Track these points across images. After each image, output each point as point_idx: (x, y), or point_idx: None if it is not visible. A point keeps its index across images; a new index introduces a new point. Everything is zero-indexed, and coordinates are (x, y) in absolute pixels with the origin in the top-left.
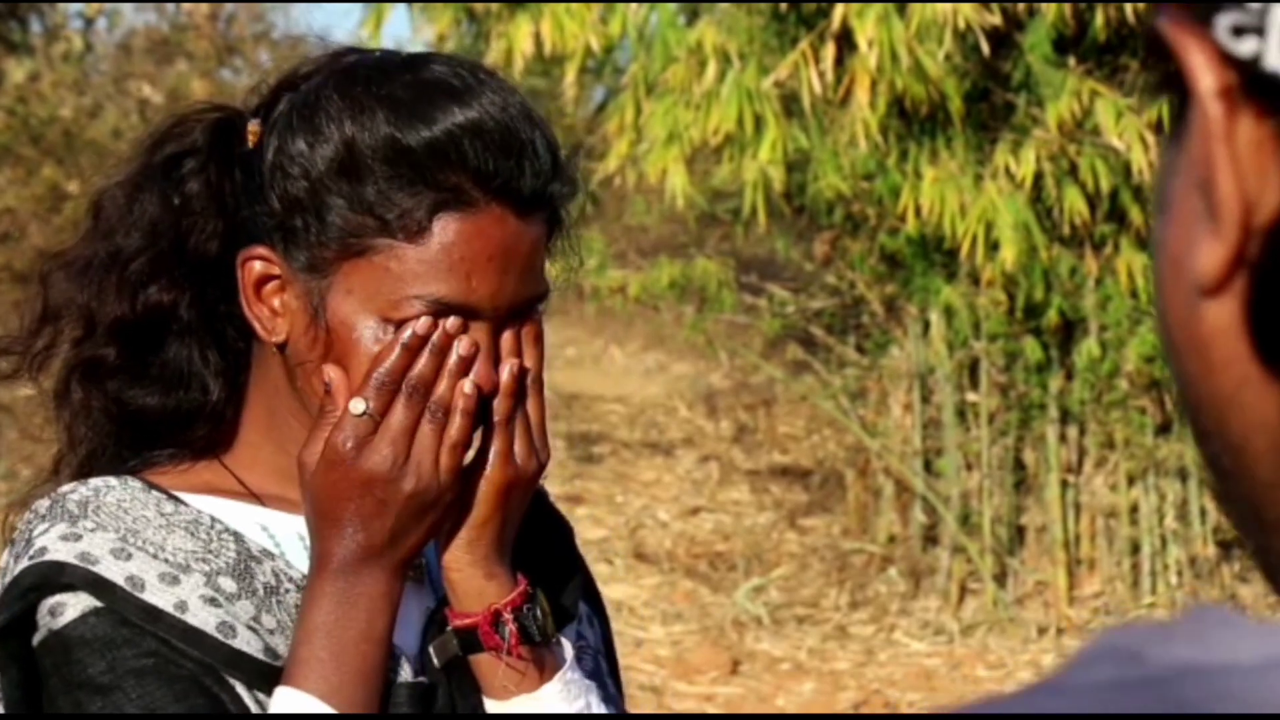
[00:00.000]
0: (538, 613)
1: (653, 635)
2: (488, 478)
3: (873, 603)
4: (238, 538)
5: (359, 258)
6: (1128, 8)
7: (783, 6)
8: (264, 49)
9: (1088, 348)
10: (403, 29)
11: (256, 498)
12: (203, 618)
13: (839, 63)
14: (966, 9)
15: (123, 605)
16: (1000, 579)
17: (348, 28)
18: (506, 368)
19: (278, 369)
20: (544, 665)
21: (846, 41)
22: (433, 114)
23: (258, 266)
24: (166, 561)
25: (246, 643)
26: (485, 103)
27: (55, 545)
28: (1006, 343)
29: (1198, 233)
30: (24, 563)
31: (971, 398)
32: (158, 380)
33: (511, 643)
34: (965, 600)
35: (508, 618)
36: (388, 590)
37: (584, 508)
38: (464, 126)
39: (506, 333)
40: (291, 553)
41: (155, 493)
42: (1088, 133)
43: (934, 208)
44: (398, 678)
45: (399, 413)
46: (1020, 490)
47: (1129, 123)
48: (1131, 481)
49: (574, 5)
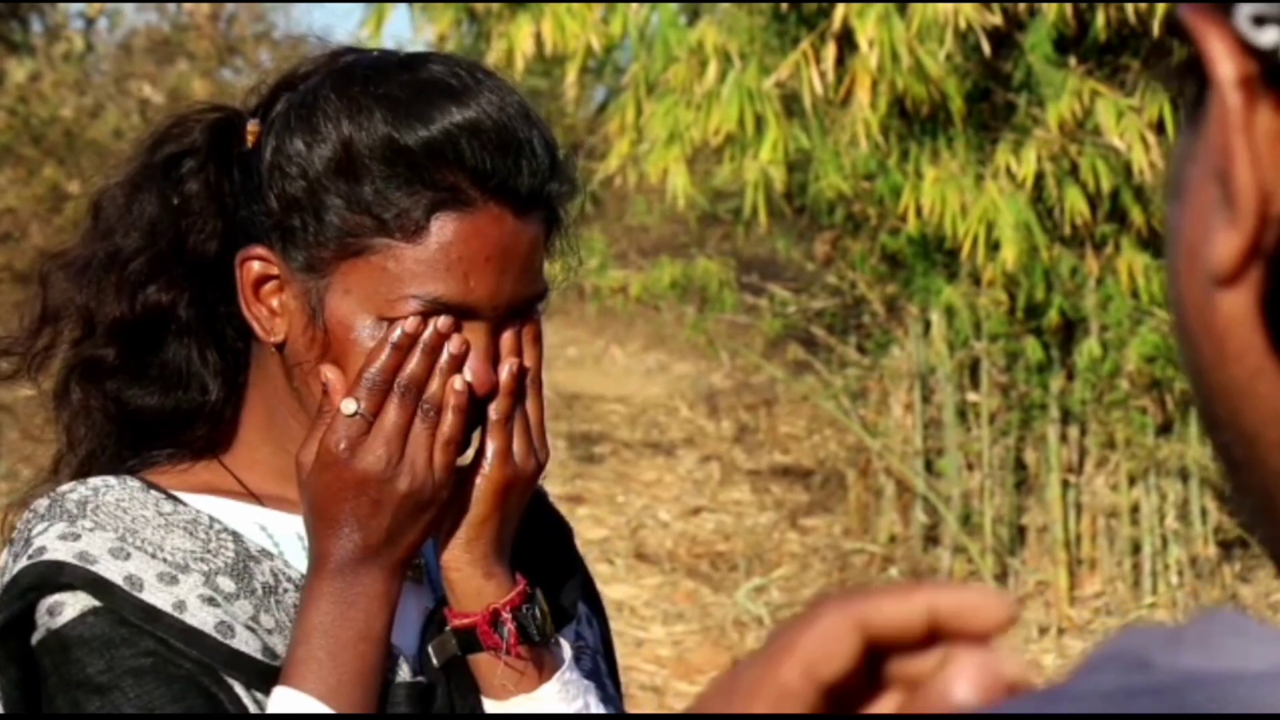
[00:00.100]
0: (536, 612)
1: (654, 635)
2: (487, 477)
3: None
4: (236, 537)
5: (357, 257)
6: (1128, 8)
7: (783, 6)
8: (265, 49)
9: (1089, 348)
10: (403, 29)
11: (255, 497)
12: (201, 617)
13: (840, 63)
14: (967, 9)
15: (121, 605)
16: (1001, 579)
17: (348, 28)
18: (506, 367)
19: (276, 369)
20: (543, 665)
21: (847, 41)
22: (430, 114)
23: (256, 266)
24: (165, 561)
25: (245, 642)
26: (483, 102)
27: (54, 545)
28: (1007, 343)
29: (1214, 222)
30: (23, 562)
31: (972, 398)
32: (157, 380)
33: (510, 642)
34: None
35: (506, 617)
36: (385, 590)
37: (585, 508)
38: (461, 126)
39: (506, 332)
40: (290, 552)
41: (154, 492)
42: (1089, 133)
43: (935, 208)
44: (396, 677)
45: (392, 412)
46: (1021, 490)
47: (1130, 123)
48: (1133, 481)
49: (575, 5)
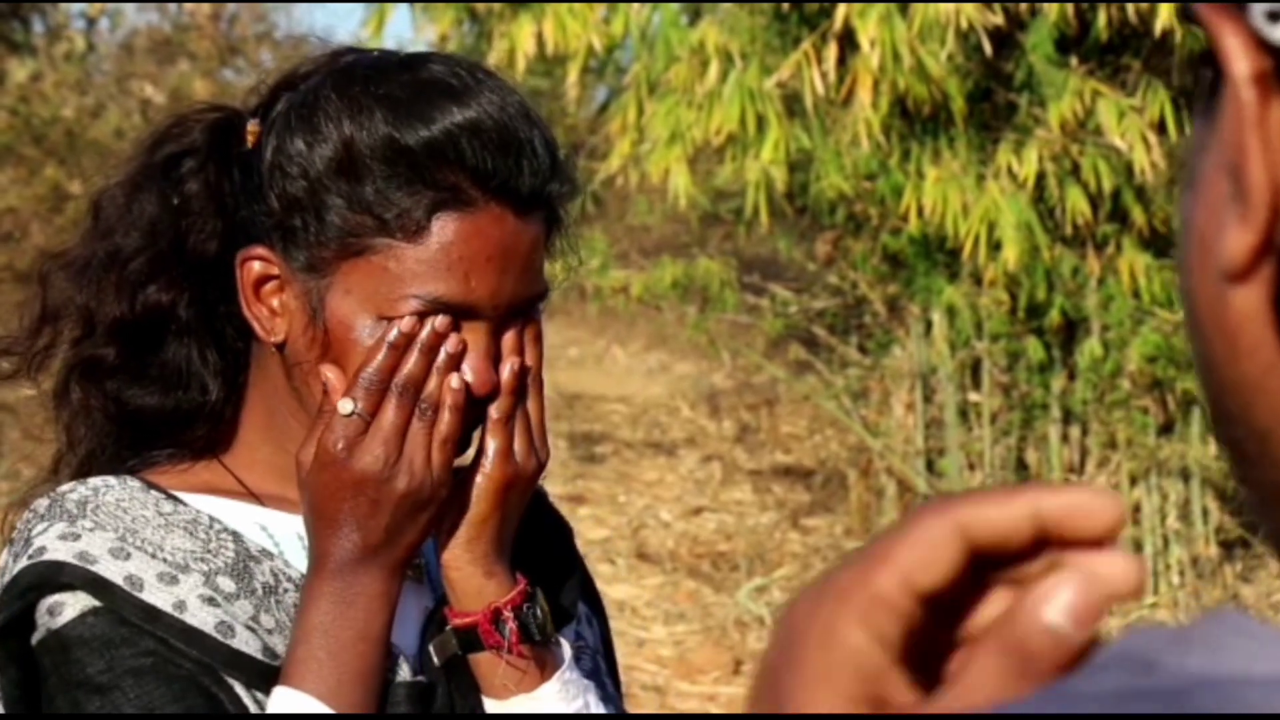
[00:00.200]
0: (537, 611)
1: (655, 635)
2: (488, 475)
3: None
4: (236, 537)
5: (358, 257)
6: (1129, 8)
7: (785, 6)
8: (266, 49)
9: (1090, 347)
10: (405, 29)
11: (255, 497)
12: (201, 617)
13: (841, 63)
14: (969, 9)
15: (121, 605)
16: None
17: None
18: (507, 366)
19: (276, 369)
20: (543, 665)
21: (849, 41)
22: (431, 113)
23: (257, 266)
24: (165, 561)
25: (245, 642)
26: (484, 102)
27: (54, 545)
28: (1009, 342)
29: (1226, 216)
30: (23, 562)
31: (974, 398)
32: (157, 380)
33: (512, 641)
34: None
35: (508, 616)
36: (385, 589)
37: (586, 508)
38: (462, 126)
39: (507, 332)
40: (290, 552)
41: (154, 492)
42: (1090, 133)
43: (936, 208)
44: (396, 677)
45: (389, 412)
46: None
47: (1131, 122)
48: (1134, 481)
49: (576, 5)
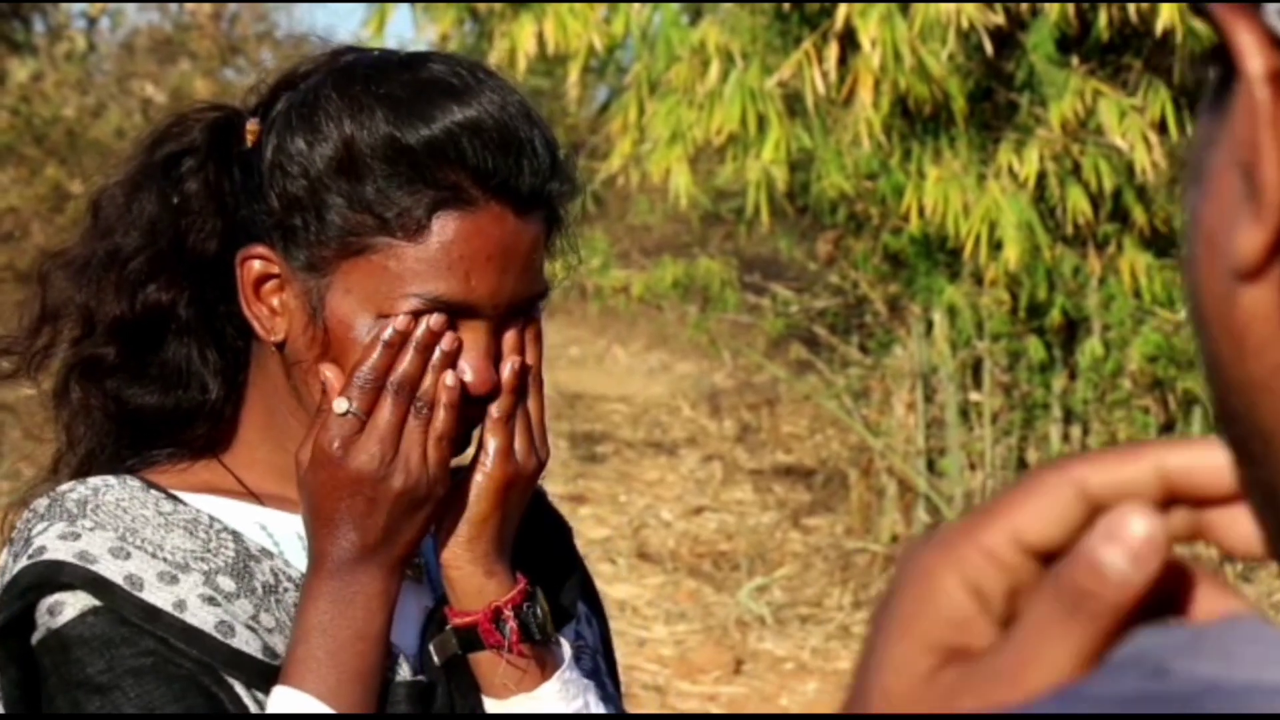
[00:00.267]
0: (538, 611)
1: (656, 635)
2: (488, 474)
3: (876, 602)
4: (236, 537)
5: (358, 256)
6: (1130, 7)
7: (786, 6)
8: (267, 49)
9: (1091, 347)
10: (406, 29)
11: (255, 497)
12: (201, 617)
13: (842, 62)
14: (970, 9)
15: (121, 604)
16: None
17: (350, 27)
18: (508, 365)
19: (276, 368)
20: (543, 664)
21: (850, 41)
22: (432, 112)
23: (257, 265)
24: (165, 560)
25: (245, 642)
26: (484, 101)
27: (54, 544)
28: (1010, 342)
29: (1238, 214)
30: (23, 562)
31: (975, 397)
32: (157, 379)
33: (513, 640)
34: None
35: (508, 615)
36: (384, 589)
37: (587, 507)
38: (463, 125)
39: (507, 331)
40: (290, 552)
41: (154, 492)
42: (1091, 132)
43: (937, 207)
44: (396, 676)
45: (385, 411)
46: None
47: (1132, 122)
48: None
49: (577, 5)
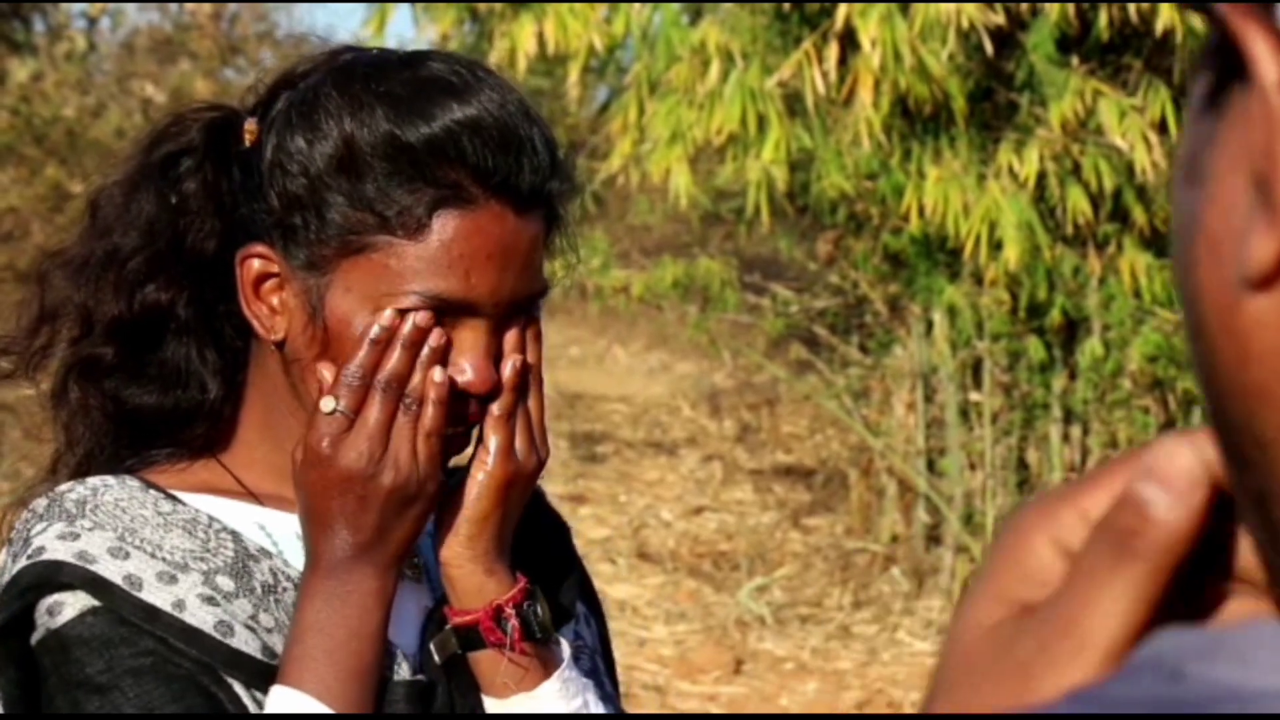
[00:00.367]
0: (538, 609)
1: (656, 635)
2: (489, 472)
3: (876, 602)
4: (235, 536)
5: (358, 255)
6: (1130, 7)
7: (786, 6)
8: (267, 48)
9: (1091, 347)
10: (406, 29)
11: (254, 497)
12: (201, 616)
13: (842, 62)
14: (970, 8)
15: (120, 604)
16: None
17: (351, 27)
18: (510, 363)
19: (276, 367)
20: (543, 663)
21: (850, 41)
22: (432, 111)
23: (256, 264)
24: (164, 560)
25: (244, 642)
26: (484, 100)
27: (53, 544)
28: (1010, 342)
29: (1250, 222)
30: (22, 562)
31: (975, 397)
32: (155, 379)
33: (514, 638)
34: None
35: (510, 613)
36: (379, 587)
37: (587, 507)
38: (463, 123)
39: (507, 329)
40: (289, 551)
41: (153, 492)
42: (1091, 132)
43: (937, 207)
44: (395, 676)
45: (373, 408)
46: (1024, 490)
47: (1132, 122)
48: None
49: (577, 5)
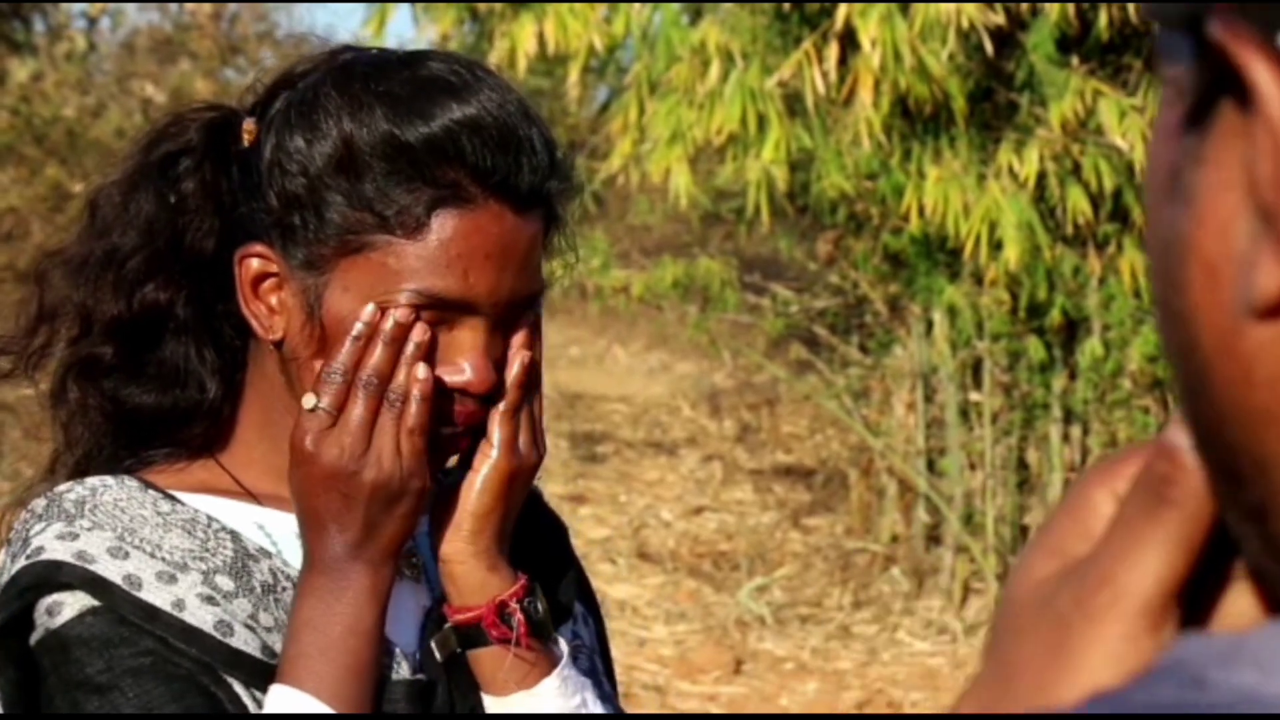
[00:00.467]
0: (539, 606)
1: (656, 635)
2: (494, 465)
3: (876, 602)
4: (235, 536)
5: (357, 254)
6: (1130, 7)
7: (786, 6)
8: (267, 48)
9: (1091, 347)
10: (406, 29)
11: (253, 496)
12: (200, 616)
13: (842, 62)
14: (970, 9)
15: (120, 604)
16: (1004, 578)
17: (351, 27)
18: (518, 360)
19: (274, 367)
20: (543, 661)
21: (850, 41)
22: (431, 110)
23: (255, 264)
24: (164, 560)
25: (244, 641)
26: (483, 99)
27: (52, 544)
28: (1010, 342)
29: (1256, 252)
30: (21, 562)
31: (975, 397)
32: (154, 379)
33: (520, 632)
34: (969, 600)
35: (514, 608)
36: (372, 584)
37: (587, 507)
38: (462, 123)
39: (510, 327)
40: (288, 551)
41: (152, 492)
42: (1091, 132)
43: (937, 207)
44: (395, 675)
45: (355, 406)
46: (1023, 490)
47: (1132, 122)
48: None
49: (577, 5)
